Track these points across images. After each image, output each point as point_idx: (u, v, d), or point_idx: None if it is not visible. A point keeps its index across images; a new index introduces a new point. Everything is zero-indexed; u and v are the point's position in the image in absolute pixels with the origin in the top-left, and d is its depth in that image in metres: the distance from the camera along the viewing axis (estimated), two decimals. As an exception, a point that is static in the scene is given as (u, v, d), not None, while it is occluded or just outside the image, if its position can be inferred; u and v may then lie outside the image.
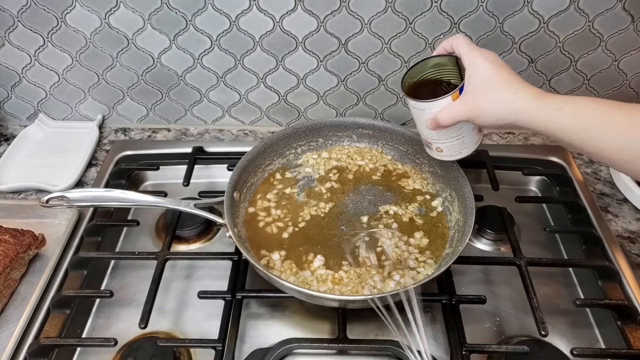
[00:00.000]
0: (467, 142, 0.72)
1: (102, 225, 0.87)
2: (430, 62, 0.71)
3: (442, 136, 0.71)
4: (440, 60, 0.71)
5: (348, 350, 0.71)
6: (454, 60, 0.70)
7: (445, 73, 0.71)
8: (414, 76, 0.72)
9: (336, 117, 1.07)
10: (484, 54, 0.64)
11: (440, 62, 0.71)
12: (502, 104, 0.62)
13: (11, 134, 1.09)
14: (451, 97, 0.66)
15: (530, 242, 0.88)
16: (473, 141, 0.73)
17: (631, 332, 0.72)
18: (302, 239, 0.79)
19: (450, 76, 0.71)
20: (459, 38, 0.67)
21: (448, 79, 0.71)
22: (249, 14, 0.90)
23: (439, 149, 0.74)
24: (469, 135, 0.71)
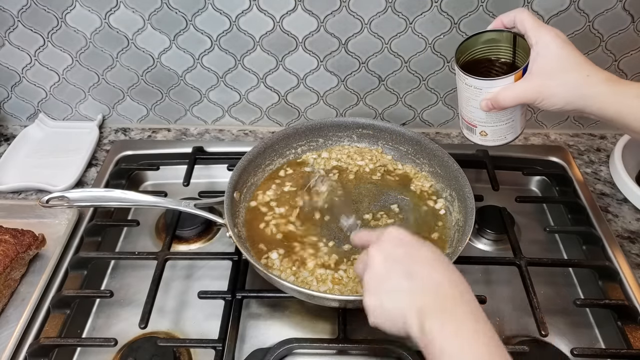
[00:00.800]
0: (514, 127, 0.68)
1: (102, 225, 0.87)
2: (483, 37, 0.65)
3: (493, 119, 0.66)
4: (496, 35, 0.64)
5: (348, 350, 0.71)
6: (511, 37, 0.64)
7: (498, 51, 0.66)
8: (464, 51, 0.66)
9: (336, 117, 1.07)
10: (554, 31, 0.59)
11: (495, 38, 0.65)
12: (572, 87, 0.58)
13: (11, 134, 1.09)
14: (514, 76, 0.61)
15: (530, 242, 0.88)
16: (519, 126, 0.68)
17: (631, 332, 0.72)
18: (301, 237, 0.79)
19: (504, 55, 0.65)
20: (524, 12, 0.61)
21: (500, 57, 0.66)
22: (249, 14, 0.90)
23: (483, 133, 0.68)
24: (518, 119, 0.67)
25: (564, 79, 0.59)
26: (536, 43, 0.60)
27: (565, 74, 0.58)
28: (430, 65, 0.97)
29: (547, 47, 0.59)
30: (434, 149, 0.85)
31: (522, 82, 0.61)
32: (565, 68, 0.58)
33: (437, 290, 0.52)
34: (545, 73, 0.59)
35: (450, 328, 0.48)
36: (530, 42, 0.61)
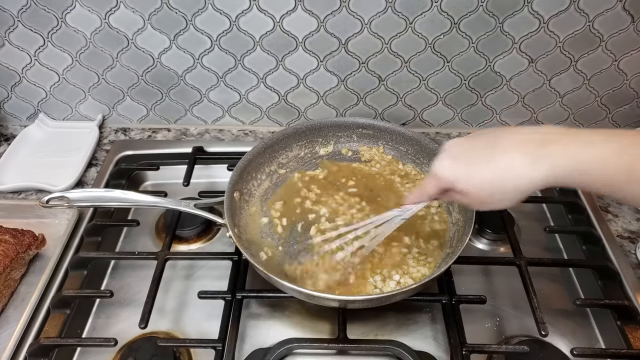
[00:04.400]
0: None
1: (102, 225, 0.87)
2: None
3: None
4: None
5: (348, 350, 0.72)
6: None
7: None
8: None
9: (336, 117, 1.07)
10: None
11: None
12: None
13: (11, 134, 1.09)
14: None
15: (530, 242, 0.87)
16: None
17: (631, 332, 0.72)
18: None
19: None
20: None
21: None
22: (249, 14, 0.90)
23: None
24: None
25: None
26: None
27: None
28: (430, 65, 0.97)
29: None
30: (434, 149, 0.85)
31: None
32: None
33: (532, 133, 0.51)
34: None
35: (573, 146, 0.48)
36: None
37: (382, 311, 0.75)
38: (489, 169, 0.53)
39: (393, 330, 0.75)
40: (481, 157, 0.54)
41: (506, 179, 0.52)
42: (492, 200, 0.55)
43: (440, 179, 0.58)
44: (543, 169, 0.49)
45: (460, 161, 0.56)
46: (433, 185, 0.60)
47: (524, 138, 0.52)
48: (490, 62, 0.96)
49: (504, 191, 0.53)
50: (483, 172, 0.53)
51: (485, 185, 0.54)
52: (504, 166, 0.52)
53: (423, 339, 0.74)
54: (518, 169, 0.51)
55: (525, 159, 0.50)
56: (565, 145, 0.49)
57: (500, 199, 0.54)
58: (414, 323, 0.76)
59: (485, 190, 0.54)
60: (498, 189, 0.53)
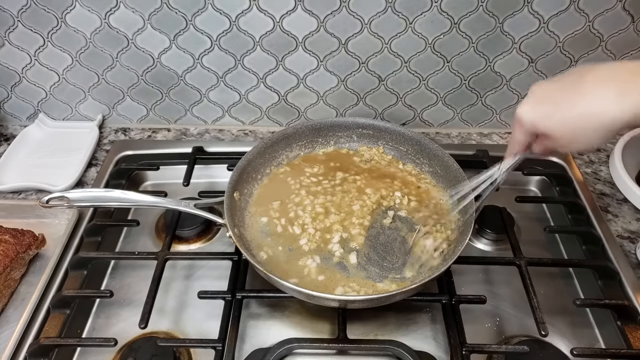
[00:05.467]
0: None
1: (102, 225, 0.87)
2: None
3: None
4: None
5: (348, 350, 0.72)
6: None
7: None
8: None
9: (336, 117, 1.07)
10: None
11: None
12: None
13: (11, 134, 1.09)
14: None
15: (530, 242, 0.87)
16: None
17: (631, 332, 0.72)
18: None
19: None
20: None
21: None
22: (249, 14, 0.90)
23: None
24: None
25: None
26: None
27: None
28: (430, 65, 0.97)
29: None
30: (434, 149, 0.85)
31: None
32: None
33: (619, 68, 0.50)
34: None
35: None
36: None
37: (382, 311, 0.75)
38: (573, 106, 0.51)
39: (393, 330, 0.75)
40: (566, 96, 0.53)
41: (590, 114, 0.50)
42: (578, 140, 0.53)
43: (522, 123, 0.57)
44: (631, 103, 0.48)
45: (544, 102, 0.55)
46: (518, 131, 0.59)
47: (613, 71, 0.50)
48: (490, 62, 0.96)
49: (589, 128, 0.51)
50: (567, 109, 0.52)
51: (569, 124, 0.52)
52: (589, 102, 0.50)
53: (423, 339, 0.74)
54: (604, 104, 0.49)
55: (612, 93, 0.48)
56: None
57: (586, 137, 0.52)
58: (414, 323, 0.76)
59: (569, 128, 0.53)
60: (583, 127, 0.51)
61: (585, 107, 0.50)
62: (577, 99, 0.51)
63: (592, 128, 0.51)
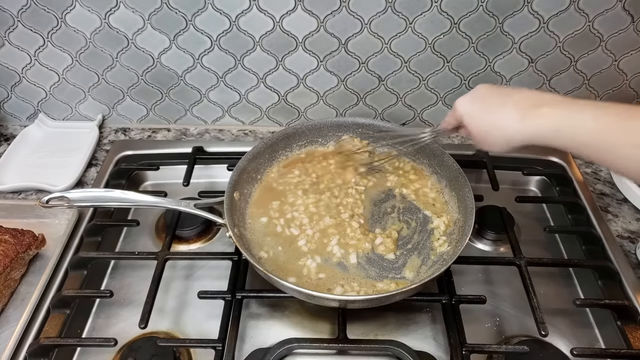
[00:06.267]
0: None
1: (102, 225, 0.87)
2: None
3: None
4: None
5: (348, 350, 0.71)
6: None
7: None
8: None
9: (336, 117, 1.07)
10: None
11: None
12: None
13: (11, 134, 1.09)
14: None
15: (530, 242, 0.87)
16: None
17: (631, 332, 0.72)
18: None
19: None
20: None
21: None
22: (249, 14, 0.90)
23: None
24: None
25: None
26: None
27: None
28: (430, 65, 0.97)
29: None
30: (434, 149, 0.85)
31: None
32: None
33: (537, 97, 0.60)
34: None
35: (560, 110, 0.57)
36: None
37: (382, 311, 0.75)
38: (490, 115, 0.63)
39: (393, 330, 0.75)
40: (489, 104, 0.64)
41: (498, 126, 0.62)
42: (486, 142, 0.65)
43: (456, 112, 0.68)
44: (529, 125, 0.59)
45: (475, 102, 0.66)
46: (451, 115, 0.70)
47: (526, 98, 0.61)
48: (490, 62, 0.96)
49: (495, 136, 0.63)
50: (484, 116, 0.64)
51: (482, 127, 0.65)
52: (499, 116, 0.62)
53: (423, 339, 0.74)
54: (509, 121, 0.61)
55: (518, 114, 0.60)
56: (554, 108, 0.57)
57: (491, 143, 0.65)
58: (414, 323, 0.76)
59: (482, 131, 0.65)
60: (490, 133, 0.64)
61: (496, 119, 0.63)
62: (494, 111, 0.63)
63: (497, 136, 0.63)
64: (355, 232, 0.78)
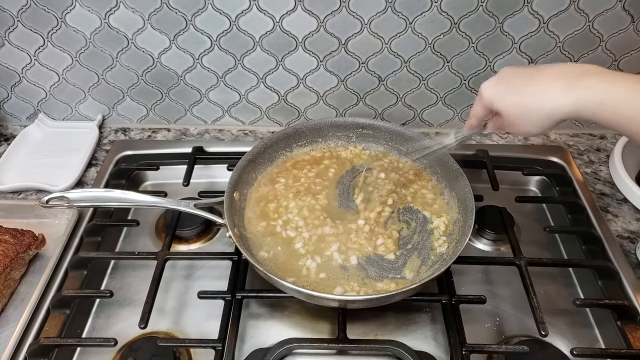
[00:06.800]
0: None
1: (102, 225, 0.87)
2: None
3: None
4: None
5: (348, 350, 0.71)
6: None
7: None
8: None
9: (336, 117, 1.07)
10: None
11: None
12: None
13: (11, 134, 1.09)
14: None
15: (530, 242, 0.87)
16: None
17: (631, 332, 0.72)
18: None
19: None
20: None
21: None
22: (249, 14, 0.90)
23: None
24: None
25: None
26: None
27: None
28: (430, 65, 0.97)
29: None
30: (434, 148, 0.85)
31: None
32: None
33: (576, 68, 0.56)
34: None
35: (606, 82, 0.53)
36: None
37: (382, 311, 0.75)
38: (525, 92, 0.59)
39: (393, 330, 0.75)
40: (521, 82, 0.60)
41: (537, 102, 0.57)
42: (523, 123, 0.60)
43: (482, 97, 0.64)
44: (573, 97, 0.54)
45: (503, 82, 0.62)
46: (478, 104, 0.66)
47: (566, 70, 0.57)
48: (490, 62, 0.96)
49: (534, 113, 0.58)
50: (519, 94, 0.59)
51: (518, 107, 0.59)
52: (536, 90, 0.57)
53: (423, 339, 0.74)
54: (549, 94, 0.56)
55: (559, 86, 0.55)
56: (600, 78, 0.54)
57: (530, 122, 0.59)
58: (414, 323, 0.76)
59: (517, 110, 0.60)
60: (527, 111, 0.59)
61: (534, 94, 0.58)
62: (530, 86, 0.58)
63: (537, 114, 0.58)
64: (359, 237, 0.78)
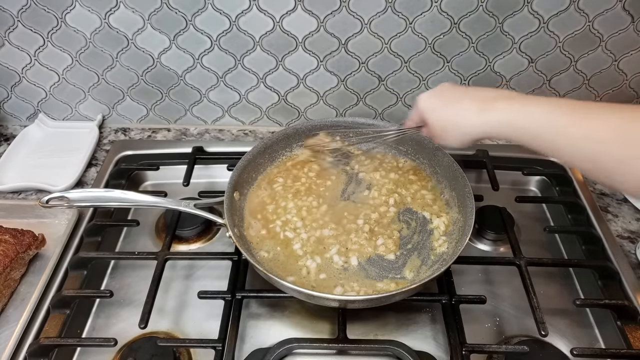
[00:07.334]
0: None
1: (102, 225, 0.87)
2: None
3: None
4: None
5: (348, 350, 0.71)
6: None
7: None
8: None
9: (336, 117, 1.07)
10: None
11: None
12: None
13: (11, 134, 1.09)
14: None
15: (530, 242, 0.88)
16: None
17: (631, 332, 0.72)
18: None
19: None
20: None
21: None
22: (249, 14, 0.90)
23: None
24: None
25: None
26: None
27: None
28: (430, 65, 0.97)
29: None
30: (434, 149, 0.85)
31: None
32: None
33: (494, 93, 0.63)
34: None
35: (516, 104, 0.59)
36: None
37: (382, 311, 0.75)
38: (448, 108, 0.66)
39: (393, 330, 0.75)
40: (449, 99, 0.67)
41: (455, 120, 0.65)
42: (443, 136, 0.68)
43: (418, 108, 0.71)
44: (485, 118, 0.61)
45: (436, 97, 0.69)
46: (414, 112, 0.72)
47: (486, 94, 0.63)
48: (490, 62, 0.96)
49: (452, 129, 0.66)
50: (443, 110, 0.67)
51: (440, 121, 0.67)
52: (457, 109, 0.64)
53: (423, 339, 0.74)
54: (466, 114, 0.63)
55: (475, 108, 0.62)
56: (510, 102, 0.60)
57: (450, 137, 0.67)
58: (414, 323, 0.76)
59: (440, 123, 0.67)
60: (448, 126, 0.66)
61: (456, 112, 0.65)
62: (455, 105, 0.65)
63: (454, 129, 0.65)
64: (360, 238, 0.78)
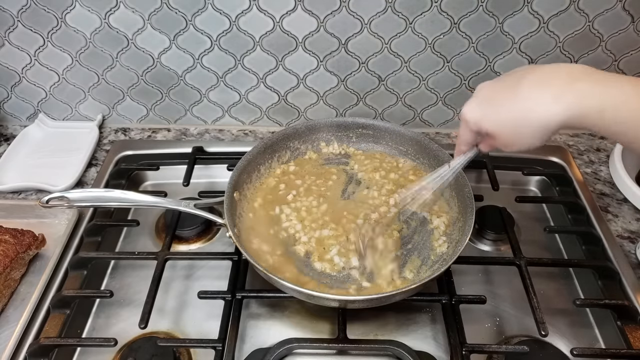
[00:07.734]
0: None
1: (102, 225, 0.87)
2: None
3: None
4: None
5: (348, 350, 0.71)
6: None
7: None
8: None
9: (336, 117, 1.07)
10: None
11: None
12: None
13: (11, 134, 1.09)
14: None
15: (530, 242, 0.87)
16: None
17: (631, 332, 0.72)
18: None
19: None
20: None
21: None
22: (249, 14, 0.90)
23: None
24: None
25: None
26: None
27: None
28: (430, 65, 0.97)
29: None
30: (434, 149, 0.85)
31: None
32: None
33: (557, 71, 0.51)
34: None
35: (600, 85, 0.49)
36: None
37: (382, 311, 0.75)
38: (511, 106, 0.53)
39: (393, 330, 0.75)
40: (506, 96, 0.54)
41: (528, 115, 0.52)
42: (517, 139, 0.55)
43: (468, 122, 0.59)
44: (566, 105, 0.50)
45: (486, 102, 0.57)
46: (464, 129, 0.61)
47: (550, 75, 0.52)
48: (490, 62, 0.96)
49: (526, 127, 0.53)
50: (505, 110, 0.54)
51: (507, 124, 0.54)
52: (526, 102, 0.52)
53: (423, 339, 0.74)
54: (541, 105, 0.51)
55: (549, 95, 0.50)
56: (592, 83, 0.49)
57: (524, 138, 0.54)
58: (414, 323, 0.76)
59: (508, 128, 0.55)
60: (518, 127, 0.54)
61: (523, 108, 0.52)
62: (516, 100, 0.53)
63: (530, 128, 0.53)
64: None
